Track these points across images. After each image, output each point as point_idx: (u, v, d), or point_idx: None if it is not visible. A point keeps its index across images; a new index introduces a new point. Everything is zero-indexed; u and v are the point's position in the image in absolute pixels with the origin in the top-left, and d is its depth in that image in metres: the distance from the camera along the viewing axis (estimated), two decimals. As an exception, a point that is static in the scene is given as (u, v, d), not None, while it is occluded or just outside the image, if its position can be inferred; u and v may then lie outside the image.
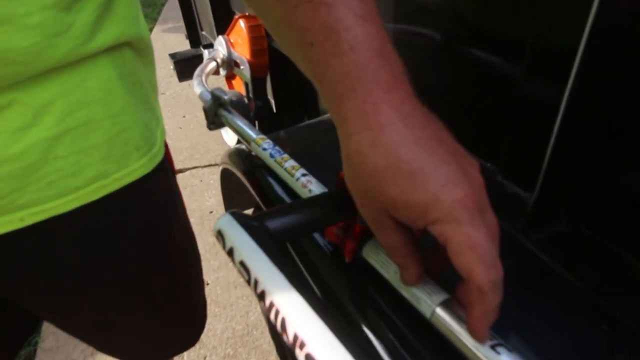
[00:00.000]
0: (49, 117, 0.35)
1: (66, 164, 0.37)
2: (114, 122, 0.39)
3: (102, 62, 0.38)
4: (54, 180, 0.37)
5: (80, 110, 0.37)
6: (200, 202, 1.78)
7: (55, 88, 0.35)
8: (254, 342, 1.24)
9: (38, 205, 0.37)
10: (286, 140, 0.61)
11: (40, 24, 0.32)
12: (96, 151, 0.39)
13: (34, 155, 0.35)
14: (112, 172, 0.40)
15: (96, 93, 0.38)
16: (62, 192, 0.38)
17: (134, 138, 0.41)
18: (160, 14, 4.25)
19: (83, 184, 0.39)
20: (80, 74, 0.36)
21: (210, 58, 1.16)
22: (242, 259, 0.27)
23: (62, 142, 0.36)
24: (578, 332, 0.33)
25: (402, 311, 0.34)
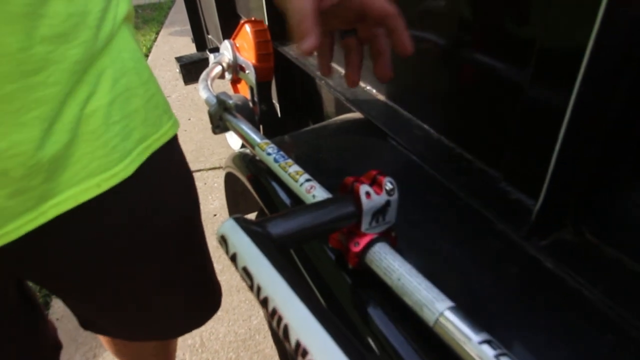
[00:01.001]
0: (104, 85, 0.39)
1: (120, 127, 0.40)
2: (145, 88, 0.43)
3: (126, 35, 0.42)
4: (115, 144, 0.40)
5: (122, 78, 0.41)
6: (204, 205, 1.78)
7: (106, 57, 0.39)
8: (257, 346, 1.24)
9: (108, 170, 0.40)
10: (290, 144, 0.62)
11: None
12: (137, 115, 0.42)
13: (98, 119, 0.38)
14: (151, 134, 0.44)
15: (129, 63, 0.42)
16: (123, 155, 0.41)
17: (161, 102, 0.46)
18: (167, 18, 4.27)
19: (134, 146, 0.42)
20: (118, 46, 0.40)
21: (216, 62, 1.17)
22: (245, 265, 0.26)
23: (115, 108, 0.40)
24: (583, 341, 0.32)
25: (405, 318, 0.33)
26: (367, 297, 0.37)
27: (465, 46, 0.47)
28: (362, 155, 0.58)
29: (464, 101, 0.51)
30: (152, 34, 3.79)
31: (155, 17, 4.24)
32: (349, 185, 0.35)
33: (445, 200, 0.47)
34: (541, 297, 0.36)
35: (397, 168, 0.53)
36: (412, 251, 0.41)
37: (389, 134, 0.58)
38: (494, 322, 0.34)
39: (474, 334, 0.27)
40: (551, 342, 0.32)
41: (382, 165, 0.54)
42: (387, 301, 0.35)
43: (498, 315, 0.35)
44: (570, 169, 0.38)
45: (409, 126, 0.58)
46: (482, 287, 0.37)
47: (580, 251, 0.39)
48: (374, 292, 0.36)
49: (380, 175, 0.35)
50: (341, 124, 0.66)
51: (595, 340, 0.32)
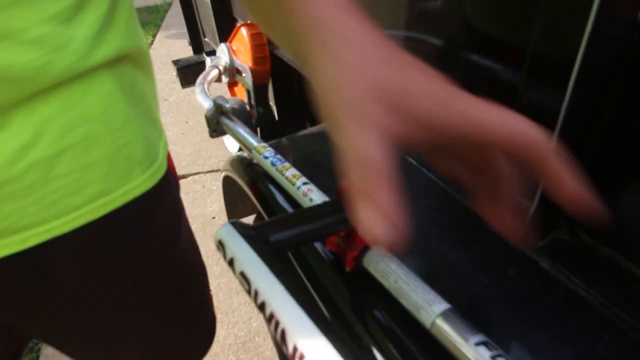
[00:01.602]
0: (49, 135, 0.34)
1: (68, 182, 0.36)
2: (115, 137, 0.38)
3: (103, 76, 0.37)
4: (55, 199, 0.36)
5: (81, 126, 0.36)
6: (203, 208, 1.78)
7: (55, 104, 0.34)
8: (257, 348, 1.24)
9: (40, 225, 0.36)
10: (288, 147, 0.62)
11: (39, 39, 0.31)
12: (98, 167, 0.37)
13: (35, 174, 0.34)
14: (115, 189, 0.39)
15: (97, 108, 0.37)
16: (64, 211, 0.37)
17: (136, 153, 0.40)
18: (163, 21, 4.27)
19: (85, 201, 0.37)
20: (81, 89, 0.35)
21: (212, 65, 1.17)
22: (242, 269, 0.27)
23: (63, 160, 0.35)
24: (579, 341, 0.33)
25: (402, 321, 0.34)
26: (365, 300, 0.37)
27: (460, 48, 0.48)
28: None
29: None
30: (148, 37, 3.79)
31: (151, 20, 4.24)
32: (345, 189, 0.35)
33: (442, 202, 0.47)
34: (537, 298, 0.36)
35: (393, 170, 0.54)
36: (409, 254, 0.41)
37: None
38: (490, 324, 0.34)
39: (470, 336, 0.27)
40: (548, 342, 0.33)
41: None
42: (384, 304, 0.35)
43: (494, 317, 0.35)
44: (565, 170, 0.39)
45: (406, 128, 0.59)
46: (479, 288, 0.37)
47: (576, 252, 0.39)
48: (371, 295, 0.37)
49: (377, 178, 0.35)
50: (338, 126, 0.66)
51: (591, 341, 0.33)
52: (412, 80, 0.23)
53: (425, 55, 0.54)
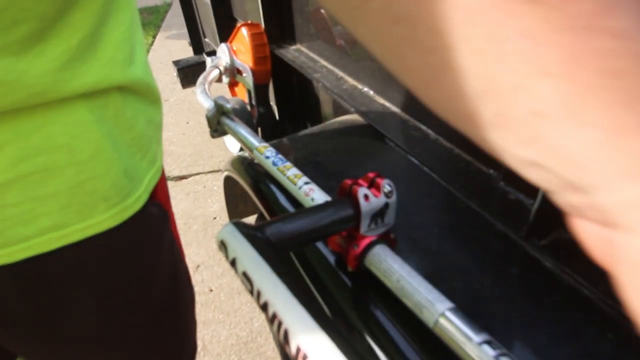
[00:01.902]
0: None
1: (16, 212, 0.34)
2: (79, 169, 0.35)
3: (75, 106, 0.34)
4: (2, 228, 0.34)
5: (38, 156, 0.33)
6: (204, 208, 1.78)
7: (7, 132, 0.31)
8: (258, 348, 1.24)
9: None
10: (289, 147, 0.62)
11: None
12: (54, 200, 0.35)
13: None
14: (72, 223, 0.36)
15: (59, 138, 0.34)
16: (10, 241, 0.34)
17: (103, 187, 0.37)
18: (163, 21, 4.28)
19: (35, 233, 0.35)
20: (42, 118, 0.33)
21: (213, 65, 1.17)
22: (244, 269, 0.27)
23: (13, 189, 0.33)
24: (583, 340, 0.32)
25: (405, 320, 0.34)
26: (367, 299, 0.37)
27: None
28: (360, 158, 0.58)
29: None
30: (149, 37, 3.80)
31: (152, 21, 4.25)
32: (347, 188, 0.35)
33: (444, 201, 0.47)
34: (541, 297, 0.36)
35: (395, 170, 0.53)
36: (411, 253, 0.41)
37: (386, 136, 0.58)
38: (494, 323, 0.34)
39: (474, 335, 0.27)
40: (551, 341, 0.32)
41: (380, 167, 0.54)
42: (387, 303, 0.35)
43: (498, 316, 0.35)
44: (568, 169, 0.39)
45: (407, 128, 0.59)
46: (482, 287, 0.37)
47: (579, 250, 0.39)
48: (374, 294, 0.37)
49: (379, 177, 0.35)
50: (339, 126, 0.66)
51: (595, 339, 0.32)
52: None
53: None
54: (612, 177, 0.14)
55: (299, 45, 1.00)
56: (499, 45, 0.15)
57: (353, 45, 0.71)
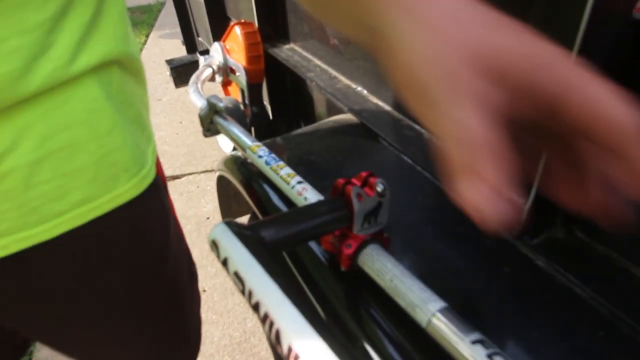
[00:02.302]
0: (29, 142, 0.34)
1: (49, 188, 0.36)
2: (100, 143, 0.38)
3: (88, 82, 0.36)
4: (37, 205, 0.35)
5: (63, 132, 0.35)
6: (197, 208, 1.78)
7: (35, 111, 0.34)
8: (252, 349, 1.24)
9: (21, 231, 0.35)
10: (282, 147, 0.61)
11: (18, 49, 0.31)
12: (82, 174, 0.37)
13: (15, 180, 0.34)
14: (100, 195, 0.39)
15: (80, 115, 0.36)
16: (46, 218, 0.36)
17: (123, 159, 0.40)
18: (156, 20, 4.25)
19: (68, 208, 0.37)
20: (63, 96, 0.35)
21: (206, 64, 1.16)
22: (236, 269, 0.26)
23: (45, 166, 0.35)
24: (575, 339, 0.33)
25: (398, 320, 0.33)
26: (360, 299, 0.37)
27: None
28: (354, 157, 0.58)
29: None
30: (141, 36, 3.77)
31: (144, 20, 4.22)
32: (340, 187, 0.35)
33: (437, 201, 0.47)
34: (533, 296, 0.36)
35: (388, 169, 0.53)
36: (404, 252, 0.41)
37: (380, 135, 0.58)
38: (486, 322, 0.34)
39: (466, 334, 0.27)
40: (544, 340, 0.32)
41: (373, 167, 0.54)
42: (380, 303, 0.35)
43: (491, 315, 0.35)
44: (560, 168, 0.39)
45: (401, 127, 0.59)
46: (475, 286, 0.37)
47: (571, 249, 0.39)
48: (367, 293, 0.36)
49: (372, 176, 0.35)
50: (333, 125, 0.66)
51: (587, 338, 0.33)
52: (508, 40, 0.21)
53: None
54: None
55: (292, 45, 1.00)
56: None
57: (347, 44, 0.71)
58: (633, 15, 0.32)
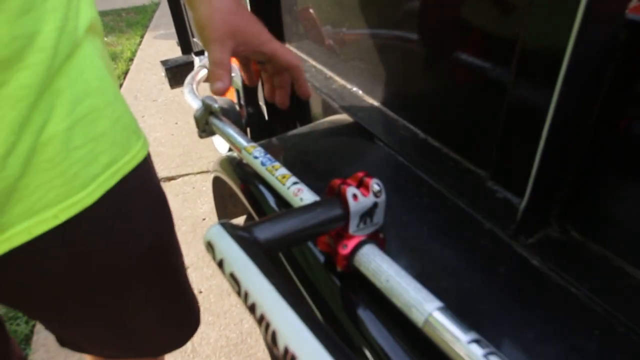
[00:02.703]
0: (61, 109, 0.36)
1: (84, 153, 0.38)
2: (112, 108, 0.41)
3: (90, 53, 0.40)
4: (77, 171, 0.38)
5: (85, 100, 0.38)
6: (193, 209, 1.77)
7: (63, 79, 0.36)
8: (248, 350, 1.23)
9: (68, 198, 0.38)
10: (278, 147, 0.61)
11: (55, 8, 0.34)
12: (105, 138, 0.40)
13: (56, 147, 0.36)
14: (120, 157, 0.42)
15: (93, 83, 0.39)
16: (86, 182, 0.39)
17: (130, 122, 0.44)
18: (151, 21, 4.24)
19: (100, 171, 0.40)
20: (79, 66, 0.38)
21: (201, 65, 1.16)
22: (232, 270, 0.26)
23: (77, 132, 0.37)
24: (570, 338, 0.33)
25: (394, 320, 0.33)
26: (356, 300, 0.37)
27: (450, 47, 0.48)
28: (349, 157, 0.58)
29: (450, 102, 0.51)
30: (136, 37, 3.76)
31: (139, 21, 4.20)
32: (335, 188, 0.35)
33: (433, 201, 0.47)
34: (529, 295, 0.36)
35: (384, 169, 0.53)
36: (400, 252, 0.41)
37: (375, 136, 0.58)
38: (482, 321, 0.34)
39: (462, 334, 0.27)
40: (539, 339, 0.33)
41: (369, 167, 0.54)
42: (376, 303, 0.35)
43: (486, 314, 0.35)
44: (555, 168, 0.39)
45: (396, 127, 0.59)
46: (471, 286, 0.37)
47: (566, 248, 0.40)
48: (363, 294, 0.36)
49: (367, 177, 0.35)
50: (328, 126, 0.66)
51: (582, 337, 0.33)
52: (247, 23, 0.49)
53: (417, 53, 0.54)
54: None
55: (287, 45, 1.00)
56: None
57: (342, 45, 0.71)
58: (626, 16, 0.33)
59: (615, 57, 0.34)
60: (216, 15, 0.45)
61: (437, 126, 0.54)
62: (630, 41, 0.33)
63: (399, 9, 0.54)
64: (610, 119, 0.36)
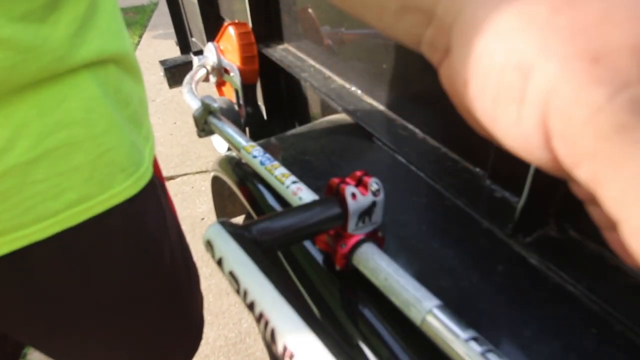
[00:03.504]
0: (25, 141, 0.33)
1: (45, 187, 0.35)
2: (96, 142, 0.38)
3: (85, 80, 0.36)
4: (32, 205, 0.35)
5: (60, 131, 0.35)
6: (192, 209, 1.77)
7: (32, 109, 0.33)
8: (247, 349, 1.23)
9: (16, 231, 0.35)
10: (277, 147, 0.61)
11: (10, 38, 0.30)
12: (78, 173, 0.37)
13: (11, 180, 0.33)
14: (96, 195, 0.38)
15: (77, 113, 0.36)
16: (41, 217, 0.36)
17: (119, 158, 0.40)
18: (149, 20, 4.24)
19: (63, 207, 0.37)
20: (60, 93, 0.35)
21: (199, 65, 1.16)
22: (231, 269, 0.26)
23: (41, 165, 0.34)
24: (568, 336, 0.33)
25: (393, 318, 0.34)
26: (355, 298, 0.37)
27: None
28: (348, 157, 0.58)
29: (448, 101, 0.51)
30: (135, 37, 3.76)
31: (138, 20, 4.20)
32: (334, 187, 0.35)
33: (431, 200, 0.47)
34: (526, 293, 0.36)
35: (382, 169, 0.54)
36: (399, 251, 0.41)
37: (374, 135, 0.58)
38: (480, 319, 0.34)
39: (460, 332, 0.27)
40: (537, 337, 0.33)
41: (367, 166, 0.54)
42: (375, 301, 0.35)
43: (485, 312, 0.35)
44: (552, 167, 0.39)
45: (394, 127, 0.59)
46: (469, 284, 0.37)
47: (564, 247, 0.40)
48: (362, 293, 0.37)
49: (366, 176, 0.35)
50: (327, 125, 0.66)
51: (579, 335, 0.33)
52: None
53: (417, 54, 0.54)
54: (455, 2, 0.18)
55: (286, 45, 1.00)
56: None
57: (341, 44, 0.71)
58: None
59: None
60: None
61: (435, 125, 0.54)
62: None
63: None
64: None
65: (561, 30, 0.14)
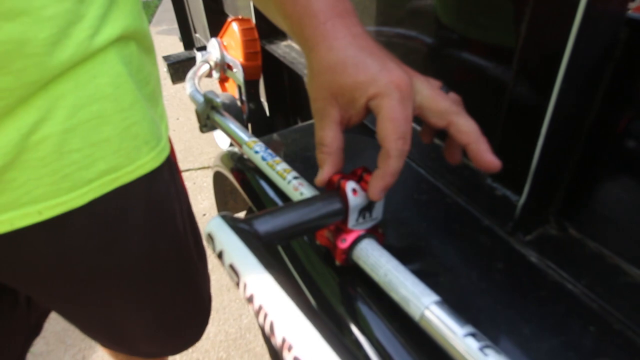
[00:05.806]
0: (62, 111, 0.36)
1: (79, 156, 0.38)
2: (123, 116, 0.41)
3: (113, 58, 0.39)
4: (68, 173, 0.38)
5: (92, 105, 0.38)
6: (194, 205, 1.77)
7: (68, 83, 0.36)
8: (247, 345, 1.24)
9: (54, 198, 0.38)
10: (279, 143, 0.62)
11: (55, 15, 0.33)
12: (107, 145, 0.40)
13: (49, 147, 0.36)
14: (124, 166, 0.42)
15: (107, 89, 0.39)
16: (77, 185, 0.39)
17: (143, 132, 0.43)
18: (154, 16, 4.24)
19: (95, 176, 0.40)
20: (92, 71, 0.38)
21: (203, 60, 1.16)
22: (231, 262, 0.27)
23: (75, 135, 0.37)
24: (566, 334, 0.33)
25: (392, 314, 0.34)
26: (355, 293, 0.37)
27: (451, 46, 0.48)
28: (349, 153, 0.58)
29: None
30: (139, 32, 3.75)
31: (142, 16, 4.20)
32: (335, 183, 0.35)
33: (432, 197, 0.47)
34: (525, 291, 0.37)
35: (384, 165, 0.54)
36: (399, 247, 0.41)
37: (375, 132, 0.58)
38: (479, 316, 0.34)
39: (458, 327, 0.28)
40: (535, 334, 0.33)
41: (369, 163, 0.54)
42: (374, 297, 0.36)
43: (483, 309, 0.35)
44: (553, 166, 0.39)
45: (396, 124, 0.59)
46: (468, 281, 0.38)
47: (564, 246, 0.40)
48: (361, 288, 0.37)
49: (367, 172, 0.36)
50: (329, 122, 0.66)
51: (578, 332, 0.33)
52: (349, 79, 0.34)
53: (416, 53, 0.54)
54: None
55: (290, 41, 1.00)
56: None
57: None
58: (628, 15, 0.33)
59: (614, 57, 0.34)
60: (312, 67, 0.36)
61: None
62: (631, 40, 0.33)
63: (398, 8, 0.54)
64: (608, 117, 0.36)
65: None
